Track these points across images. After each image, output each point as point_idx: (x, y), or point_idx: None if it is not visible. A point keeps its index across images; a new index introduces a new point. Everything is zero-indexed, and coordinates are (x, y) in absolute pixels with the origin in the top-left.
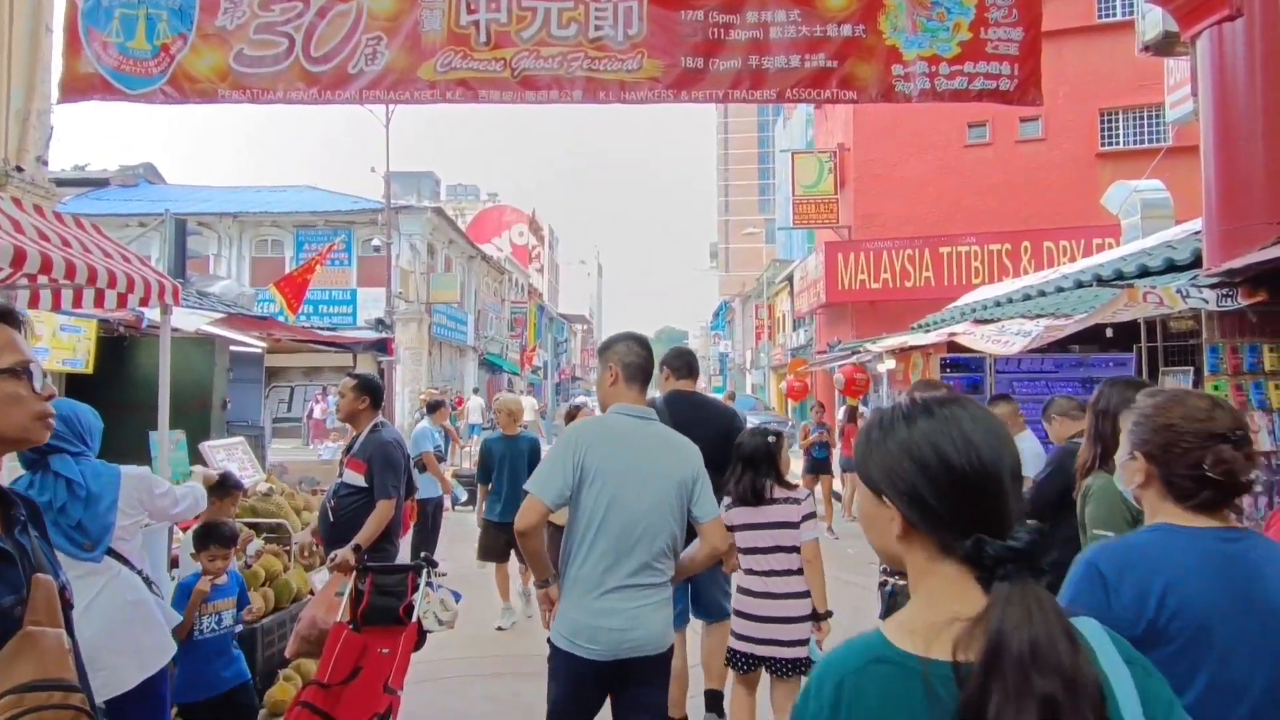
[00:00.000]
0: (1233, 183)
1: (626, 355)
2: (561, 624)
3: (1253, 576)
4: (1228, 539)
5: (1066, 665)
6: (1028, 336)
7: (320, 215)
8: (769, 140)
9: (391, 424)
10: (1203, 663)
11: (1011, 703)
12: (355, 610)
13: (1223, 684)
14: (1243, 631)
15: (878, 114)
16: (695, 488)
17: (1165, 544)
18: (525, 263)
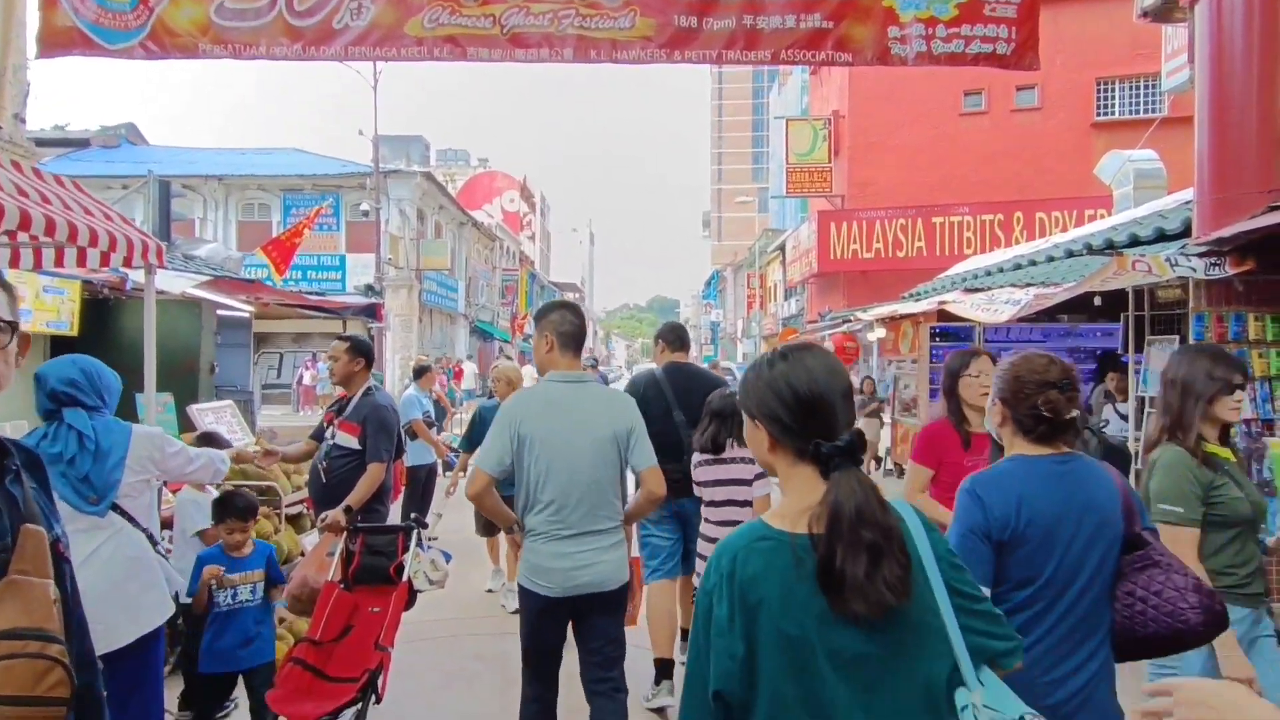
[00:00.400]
0: (1225, 151)
1: (561, 324)
2: (524, 565)
3: (1081, 488)
4: (1061, 462)
5: (881, 521)
6: (1016, 305)
7: (307, 179)
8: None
9: (381, 386)
10: (1051, 553)
11: (849, 552)
12: (346, 570)
13: (1067, 565)
14: (1077, 528)
15: (874, 80)
16: (631, 439)
17: (1019, 470)
18: (516, 230)
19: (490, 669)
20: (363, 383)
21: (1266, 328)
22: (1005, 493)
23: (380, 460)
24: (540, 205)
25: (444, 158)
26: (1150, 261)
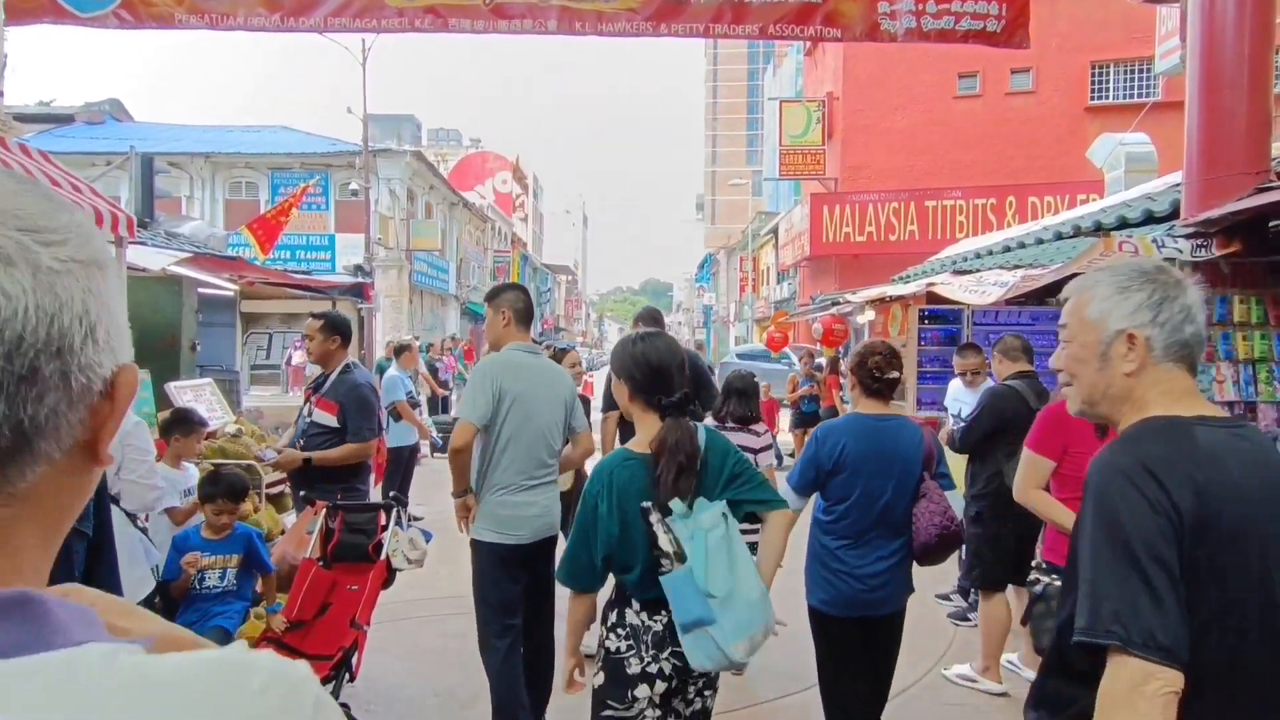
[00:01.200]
0: (1215, 132)
1: (516, 302)
2: (488, 522)
3: (889, 439)
4: (881, 419)
5: (689, 450)
6: (1004, 287)
7: (296, 157)
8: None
9: (360, 364)
10: (859, 479)
11: (668, 466)
12: (325, 547)
13: (869, 491)
14: (880, 465)
15: (868, 62)
16: (573, 404)
17: (848, 422)
18: (509, 211)
19: (470, 646)
20: (340, 360)
21: (1251, 310)
22: (836, 438)
23: (363, 440)
24: (533, 187)
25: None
26: (1137, 242)
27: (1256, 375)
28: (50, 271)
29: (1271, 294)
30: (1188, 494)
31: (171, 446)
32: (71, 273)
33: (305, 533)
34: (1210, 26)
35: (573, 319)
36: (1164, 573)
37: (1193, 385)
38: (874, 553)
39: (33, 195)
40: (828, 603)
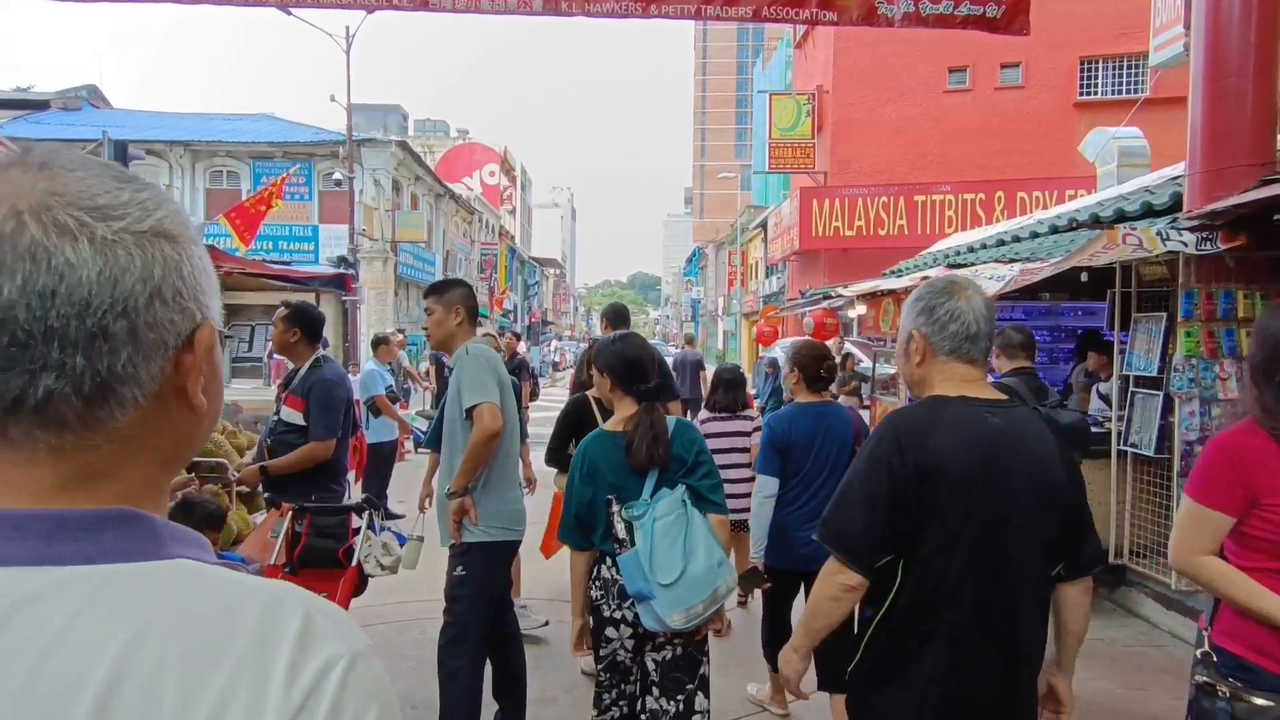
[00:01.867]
0: (1220, 123)
1: (468, 299)
2: (497, 520)
3: (828, 421)
4: (822, 406)
5: (659, 430)
6: (1001, 281)
7: (278, 146)
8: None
9: (336, 360)
10: (806, 459)
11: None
12: (291, 552)
13: (814, 466)
14: (821, 447)
15: (858, 55)
16: None
17: (797, 411)
18: (496, 204)
19: None
20: (307, 355)
21: (1256, 305)
22: (786, 424)
23: (322, 438)
24: (521, 179)
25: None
26: (1141, 235)
27: None
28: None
29: (1275, 288)
30: (917, 453)
31: None
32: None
33: (270, 537)
34: (1216, 13)
35: (560, 312)
36: (870, 509)
37: (970, 371)
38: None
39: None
40: (778, 559)
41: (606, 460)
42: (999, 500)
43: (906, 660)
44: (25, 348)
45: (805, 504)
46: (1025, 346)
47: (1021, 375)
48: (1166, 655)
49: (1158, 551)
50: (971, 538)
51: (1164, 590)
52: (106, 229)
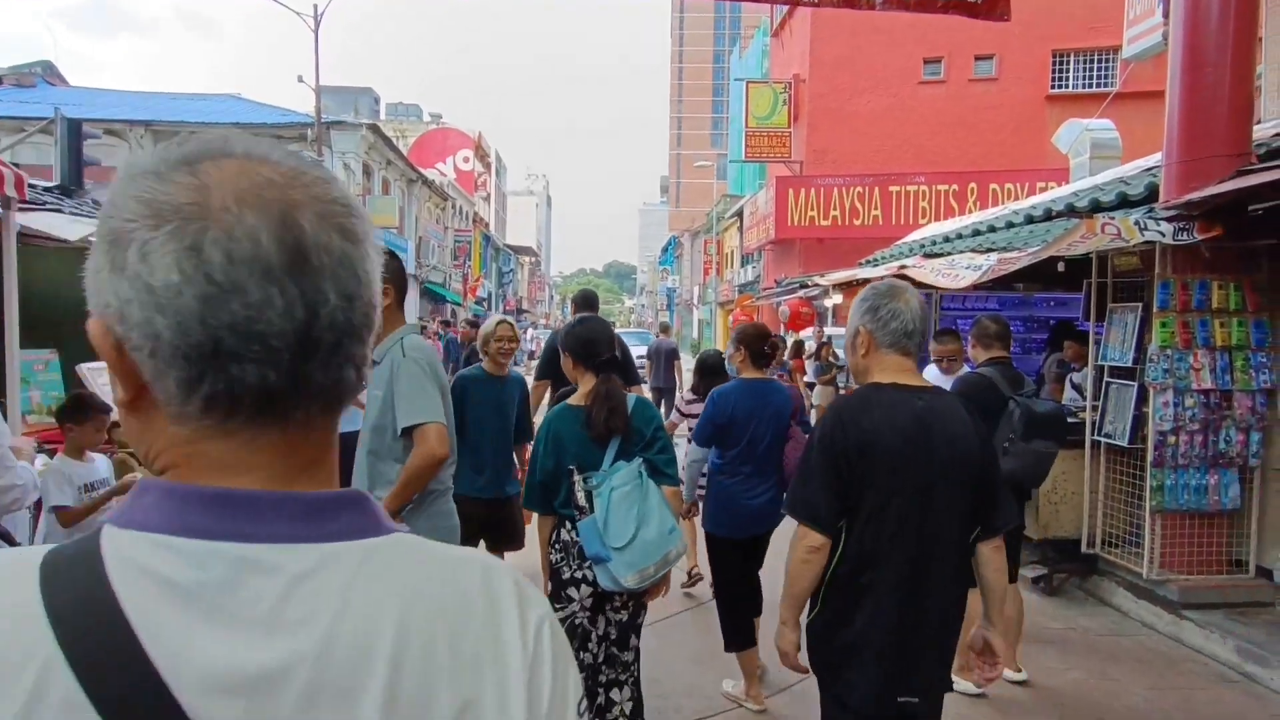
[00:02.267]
0: (1196, 113)
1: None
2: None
3: (766, 396)
4: (760, 382)
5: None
6: (978, 270)
7: (244, 128)
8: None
9: None
10: (746, 431)
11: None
12: None
13: (752, 437)
14: (761, 420)
15: (835, 44)
16: None
17: (738, 386)
18: (470, 190)
19: None
20: None
21: (1230, 296)
22: (727, 399)
23: None
24: (496, 166)
25: (395, 112)
26: (1119, 225)
27: (1233, 363)
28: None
29: (1250, 279)
30: (855, 433)
31: (69, 436)
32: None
33: None
34: (1195, 4)
35: (535, 300)
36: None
37: (904, 363)
38: (759, 485)
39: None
40: (724, 528)
41: (569, 433)
42: (923, 470)
43: (851, 609)
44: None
45: (747, 474)
46: (1000, 337)
47: (997, 365)
48: (1138, 645)
49: (1130, 541)
50: (900, 502)
51: (1135, 579)
52: (364, 226)
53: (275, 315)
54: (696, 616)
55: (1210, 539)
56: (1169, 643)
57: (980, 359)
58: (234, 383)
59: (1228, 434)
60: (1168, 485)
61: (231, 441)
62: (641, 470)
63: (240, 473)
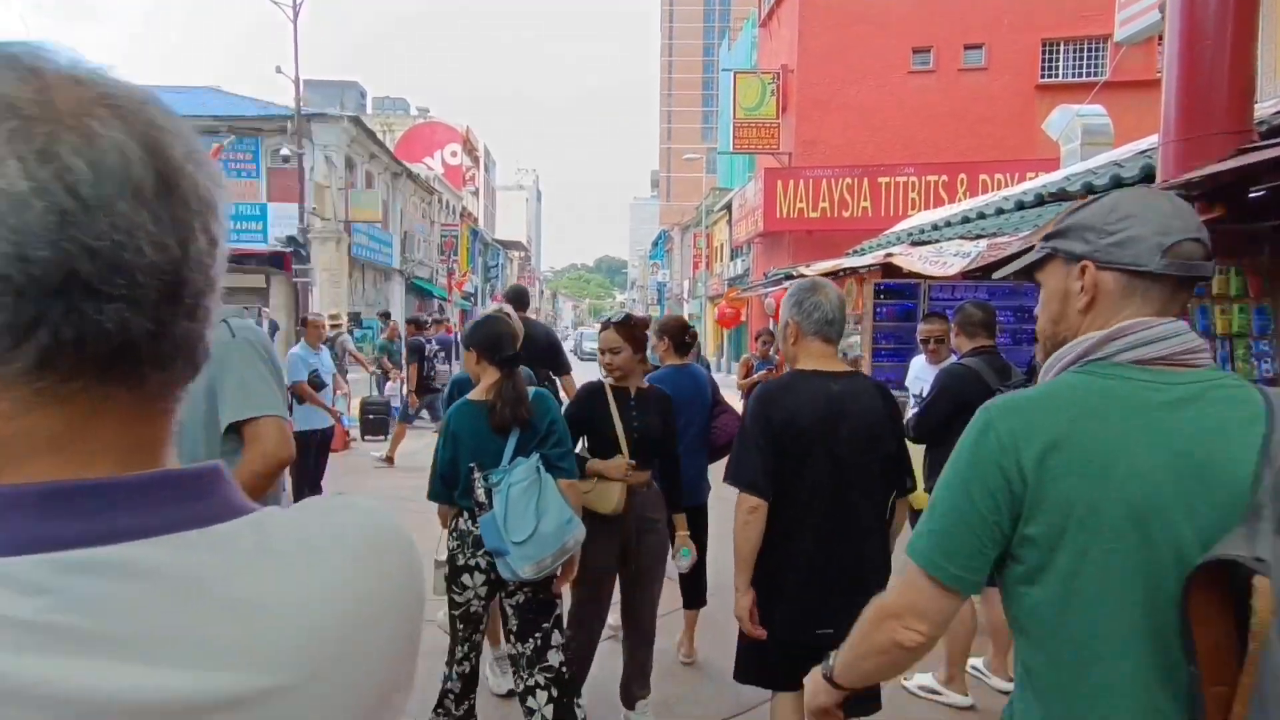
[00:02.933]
0: (1195, 90)
1: None
2: None
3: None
4: (683, 368)
5: (519, 392)
6: (967, 258)
7: (223, 120)
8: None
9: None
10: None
11: (500, 405)
12: None
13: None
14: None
15: (823, 34)
16: None
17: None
18: (458, 185)
19: None
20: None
21: (1230, 281)
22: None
23: None
24: (485, 160)
25: (381, 106)
26: None
27: (1234, 352)
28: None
29: (1251, 264)
30: (779, 409)
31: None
32: None
33: None
34: None
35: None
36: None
37: (826, 349)
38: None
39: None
40: None
41: (468, 428)
42: (835, 443)
43: (778, 560)
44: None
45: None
46: (985, 325)
47: (982, 355)
48: None
49: None
50: (816, 468)
51: None
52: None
53: (146, 244)
54: None
55: None
56: None
57: (965, 349)
58: (85, 328)
59: None
60: None
61: (68, 412)
62: (539, 465)
63: (81, 454)
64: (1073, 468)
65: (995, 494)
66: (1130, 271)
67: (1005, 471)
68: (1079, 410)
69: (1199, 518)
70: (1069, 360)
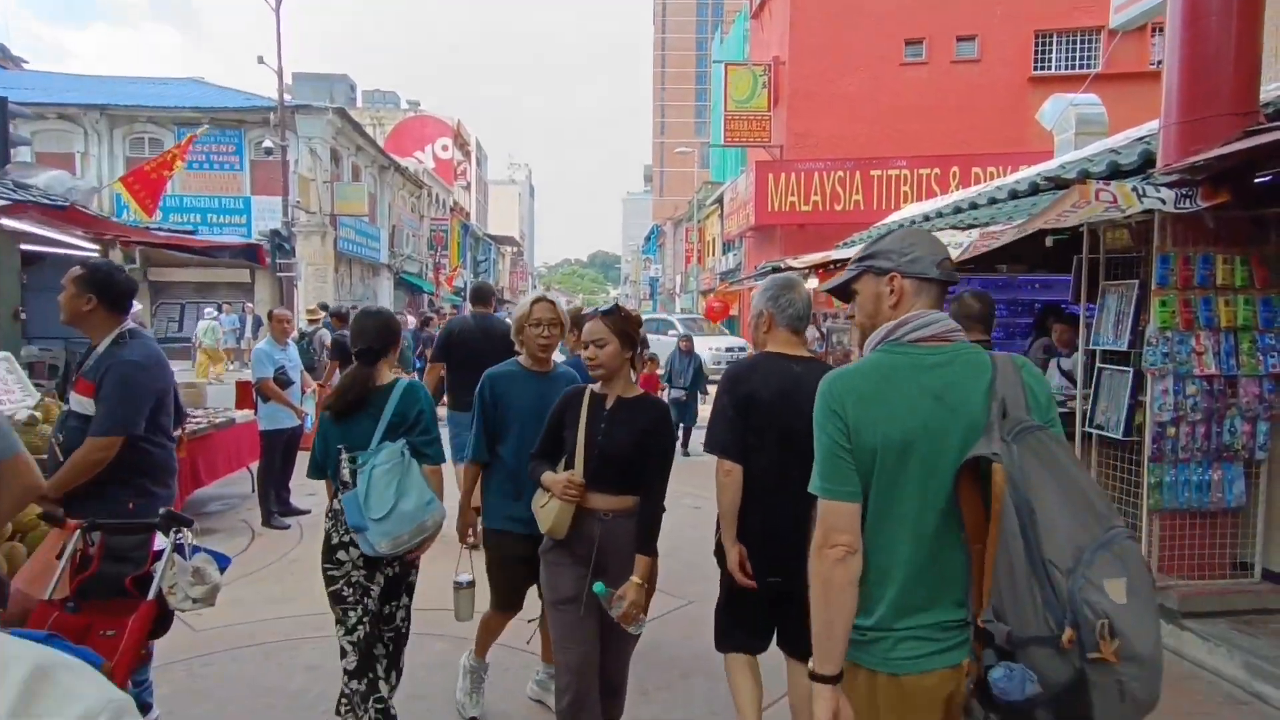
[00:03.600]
0: (1199, 69)
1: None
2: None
3: None
4: None
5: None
6: (959, 248)
7: (205, 112)
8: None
9: (149, 335)
10: None
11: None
12: (74, 580)
13: None
14: None
15: (815, 25)
16: None
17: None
18: (450, 179)
19: (319, 682)
20: (108, 327)
21: (1235, 271)
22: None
23: (103, 433)
24: (476, 154)
25: (371, 99)
26: (1116, 191)
27: (1238, 346)
28: None
29: (1257, 252)
30: (743, 387)
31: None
32: None
33: (54, 559)
34: None
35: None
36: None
37: (793, 339)
38: None
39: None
40: None
41: (327, 415)
42: (793, 417)
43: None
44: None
45: None
46: (982, 318)
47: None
48: None
49: None
50: (773, 438)
51: None
52: None
53: None
54: None
55: (1211, 540)
56: (1168, 656)
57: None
58: None
59: (1232, 424)
60: (1167, 482)
61: None
62: (404, 450)
63: None
64: (872, 410)
65: (836, 430)
66: (919, 278)
67: (838, 414)
68: (878, 375)
69: (951, 436)
70: (876, 341)
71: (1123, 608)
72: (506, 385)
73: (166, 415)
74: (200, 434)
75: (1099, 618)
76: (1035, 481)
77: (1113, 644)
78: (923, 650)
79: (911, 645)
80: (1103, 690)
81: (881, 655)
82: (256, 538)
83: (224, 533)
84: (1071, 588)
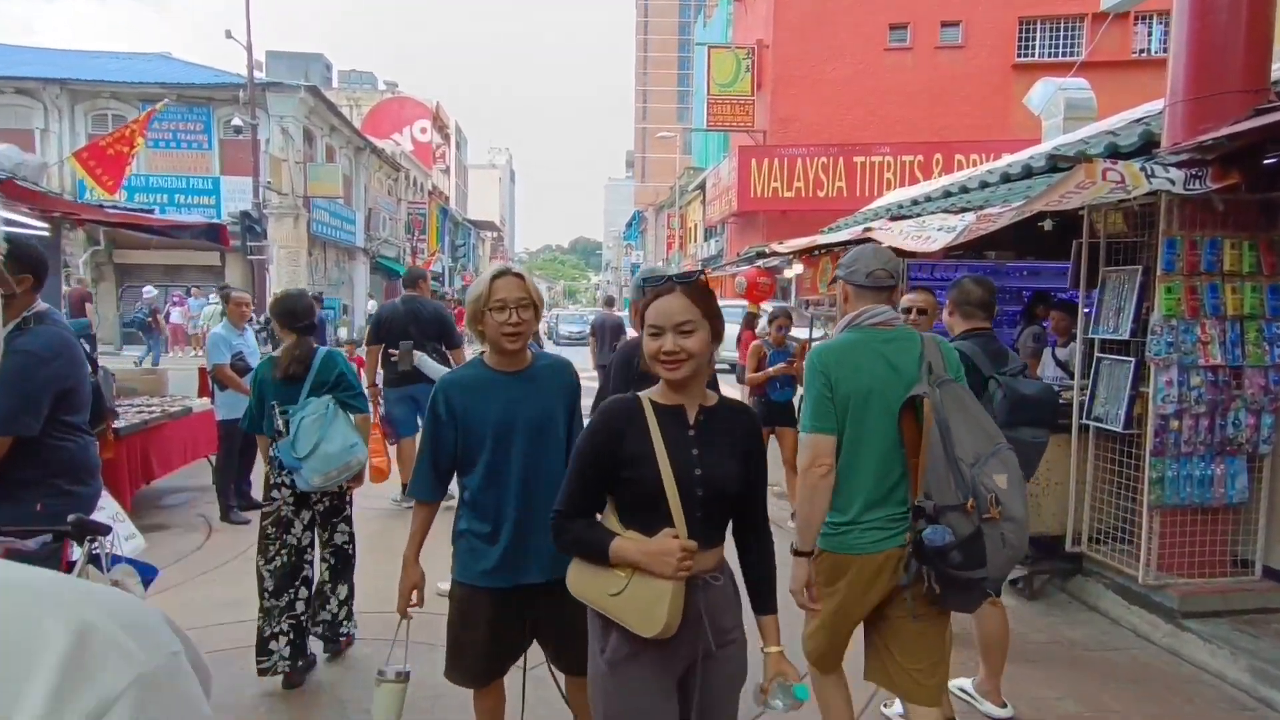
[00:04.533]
0: (1208, 44)
1: None
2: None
3: None
4: None
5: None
6: (953, 232)
7: (172, 88)
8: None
9: (60, 317)
10: None
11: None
12: None
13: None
14: None
15: (800, 8)
16: None
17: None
18: (428, 162)
19: (273, 695)
20: (23, 308)
21: (1243, 257)
22: None
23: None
24: (456, 138)
25: (348, 80)
26: (1123, 170)
27: (1244, 334)
28: None
29: (1266, 237)
30: None
31: None
32: None
33: None
34: None
35: None
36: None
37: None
38: None
39: None
40: None
41: (270, 377)
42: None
43: None
44: None
45: None
46: (983, 305)
47: (977, 337)
48: (1133, 661)
49: (1120, 538)
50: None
51: (1126, 583)
52: None
53: None
54: None
55: (1212, 536)
56: (1168, 658)
57: (957, 330)
58: None
59: (1236, 417)
60: (1169, 477)
61: None
62: (330, 403)
63: None
64: (844, 371)
65: (822, 384)
66: (855, 285)
67: (824, 373)
68: (849, 347)
69: (898, 388)
70: (843, 325)
71: (1004, 490)
72: (468, 397)
73: (77, 412)
74: (153, 424)
75: (990, 493)
76: (950, 411)
77: (998, 509)
78: (880, 536)
79: (873, 534)
80: (991, 539)
81: (851, 542)
82: (214, 533)
83: (179, 528)
84: (973, 475)
